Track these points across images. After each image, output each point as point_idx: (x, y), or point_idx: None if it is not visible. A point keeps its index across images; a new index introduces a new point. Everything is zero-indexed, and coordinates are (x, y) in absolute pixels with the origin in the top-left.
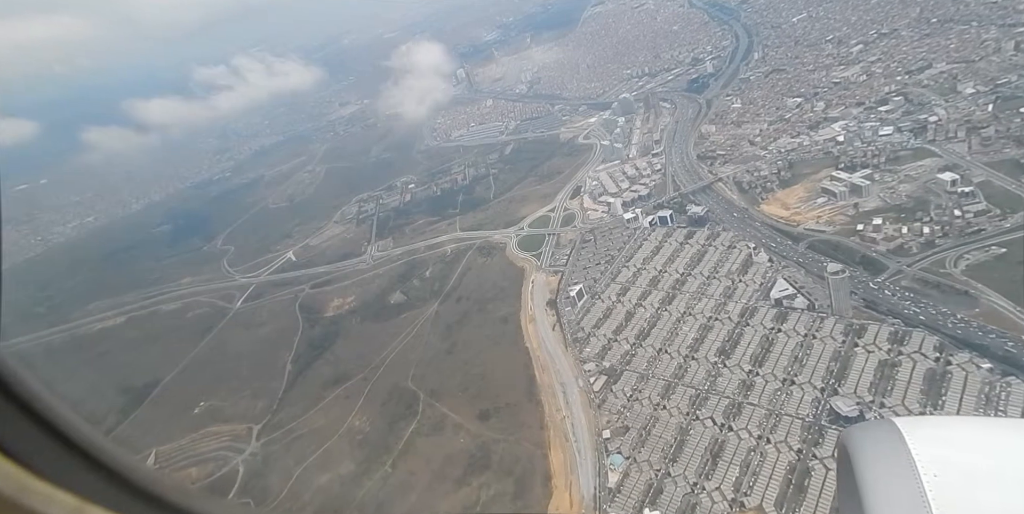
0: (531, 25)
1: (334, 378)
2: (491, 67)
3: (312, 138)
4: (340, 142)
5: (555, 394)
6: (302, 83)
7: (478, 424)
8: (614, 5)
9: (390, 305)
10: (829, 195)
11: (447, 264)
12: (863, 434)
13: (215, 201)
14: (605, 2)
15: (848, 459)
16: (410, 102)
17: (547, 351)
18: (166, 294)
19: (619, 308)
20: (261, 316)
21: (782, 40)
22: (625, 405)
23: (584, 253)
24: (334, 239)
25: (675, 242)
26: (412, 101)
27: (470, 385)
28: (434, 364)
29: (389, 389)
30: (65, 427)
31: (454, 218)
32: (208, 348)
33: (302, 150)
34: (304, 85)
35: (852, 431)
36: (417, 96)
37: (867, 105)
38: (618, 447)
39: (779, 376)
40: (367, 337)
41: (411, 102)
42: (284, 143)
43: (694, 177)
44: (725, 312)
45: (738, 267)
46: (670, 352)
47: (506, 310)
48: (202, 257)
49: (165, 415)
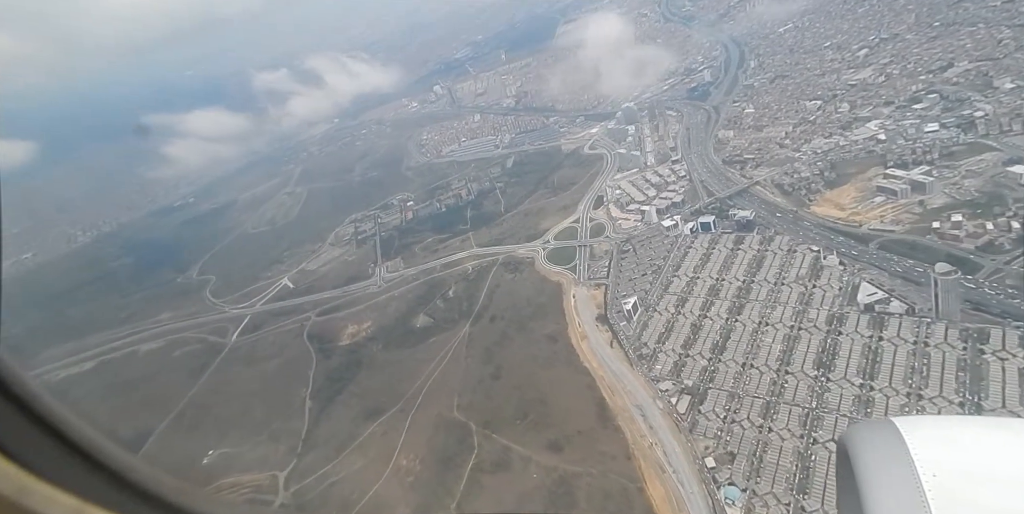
0: (502, 42)
1: (366, 413)
2: (469, 83)
3: (283, 159)
4: (317, 162)
5: (633, 418)
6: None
7: (550, 456)
8: (585, 25)
9: (415, 329)
10: (887, 193)
11: (471, 282)
12: (862, 434)
13: (182, 229)
14: (578, 19)
15: (847, 459)
16: (388, 119)
17: (611, 370)
18: (142, 333)
19: (681, 320)
20: (264, 349)
21: (775, 49)
22: (722, 428)
23: (625, 264)
24: (334, 262)
25: (724, 249)
26: (390, 118)
27: (529, 412)
28: (481, 391)
29: (433, 422)
30: (65, 428)
31: (466, 234)
32: (206, 389)
33: (275, 172)
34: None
35: (851, 431)
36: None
37: (897, 104)
38: (728, 478)
39: (900, 390)
40: (394, 365)
41: (389, 119)
42: (251, 166)
43: (725, 182)
44: (808, 320)
45: (806, 272)
46: (757, 366)
47: (551, 328)
48: (178, 289)
49: (167, 469)
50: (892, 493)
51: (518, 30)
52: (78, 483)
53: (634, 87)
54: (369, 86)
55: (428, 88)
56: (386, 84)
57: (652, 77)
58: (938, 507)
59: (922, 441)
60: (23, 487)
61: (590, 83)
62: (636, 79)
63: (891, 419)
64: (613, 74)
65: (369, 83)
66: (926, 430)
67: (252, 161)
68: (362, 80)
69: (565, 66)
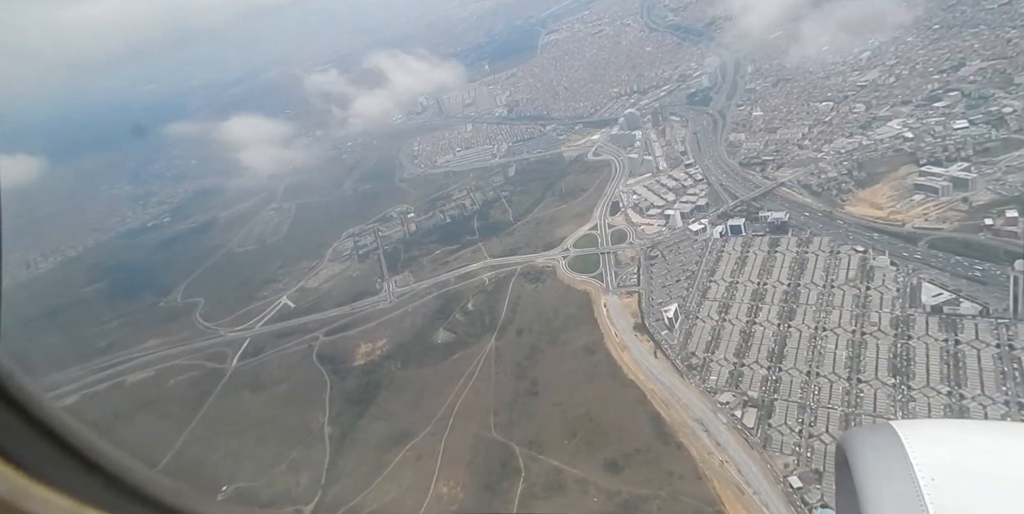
0: (483, 54)
1: (393, 437)
2: (454, 94)
3: (263, 174)
4: (302, 177)
5: (695, 434)
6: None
7: (609, 477)
8: (569, 32)
9: (436, 345)
10: (927, 191)
11: (490, 294)
12: (861, 438)
13: (159, 250)
14: (559, 30)
15: (846, 462)
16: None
17: (660, 383)
18: (128, 362)
19: (728, 327)
20: (270, 373)
21: (769, 54)
22: (800, 443)
23: (656, 270)
24: (336, 279)
25: (760, 251)
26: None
27: (577, 430)
28: (519, 409)
29: (471, 444)
30: (61, 429)
31: (476, 245)
32: (209, 418)
33: (256, 188)
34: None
35: (850, 434)
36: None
37: (916, 103)
38: (820, 499)
39: (996, 398)
40: (418, 385)
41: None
42: (229, 182)
43: (746, 184)
44: (871, 324)
45: (856, 273)
46: (825, 375)
47: (585, 339)
48: (162, 314)
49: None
50: (890, 496)
51: (498, 42)
52: (74, 485)
53: (630, 94)
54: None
55: (409, 100)
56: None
57: (647, 83)
58: (936, 510)
59: (921, 445)
60: (19, 489)
61: (583, 90)
62: (631, 85)
63: (890, 423)
64: (606, 81)
65: (346, 96)
66: (925, 434)
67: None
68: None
69: (554, 75)
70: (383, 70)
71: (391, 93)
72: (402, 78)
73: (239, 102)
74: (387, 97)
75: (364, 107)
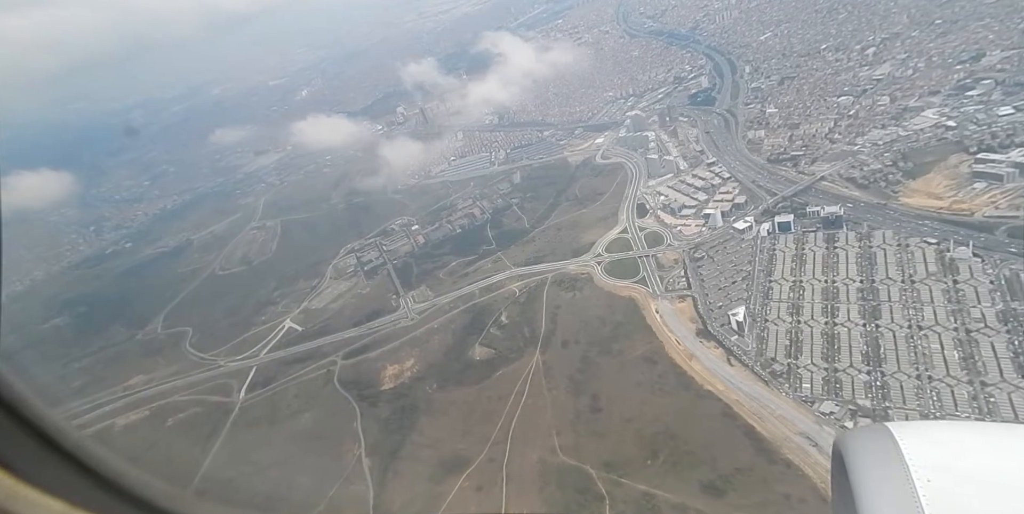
0: (458, 64)
1: (445, 466)
2: (435, 103)
3: (236, 193)
4: (282, 193)
5: (803, 449)
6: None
7: (711, 502)
8: (547, 41)
9: (474, 362)
10: (989, 179)
11: (524, 305)
12: (857, 439)
13: (125, 278)
14: (536, 38)
15: (842, 464)
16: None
17: (743, 393)
18: (113, 403)
19: (806, 330)
20: (287, 404)
21: (765, 55)
22: None
23: (705, 272)
24: (344, 297)
25: (817, 248)
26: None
27: (659, 449)
28: (583, 428)
29: (538, 469)
30: (53, 433)
31: (495, 255)
32: (223, 459)
33: (231, 207)
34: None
35: (846, 436)
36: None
37: (945, 93)
38: None
39: None
40: (461, 406)
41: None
42: (194, 203)
43: (780, 180)
44: (975, 320)
45: (936, 267)
46: (941, 378)
47: (642, 348)
48: (143, 348)
49: None
50: (886, 498)
51: (470, 53)
52: (65, 488)
53: (626, 97)
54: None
55: (386, 111)
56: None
57: (642, 86)
58: (932, 511)
59: (917, 446)
60: (11, 493)
61: (575, 95)
62: (625, 89)
63: (886, 424)
64: (597, 85)
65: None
66: (921, 435)
67: (194, 198)
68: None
69: (543, 80)
70: (357, 81)
71: (367, 105)
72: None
73: (184, 121)
74: (364, 110)
75: (338, 122)
